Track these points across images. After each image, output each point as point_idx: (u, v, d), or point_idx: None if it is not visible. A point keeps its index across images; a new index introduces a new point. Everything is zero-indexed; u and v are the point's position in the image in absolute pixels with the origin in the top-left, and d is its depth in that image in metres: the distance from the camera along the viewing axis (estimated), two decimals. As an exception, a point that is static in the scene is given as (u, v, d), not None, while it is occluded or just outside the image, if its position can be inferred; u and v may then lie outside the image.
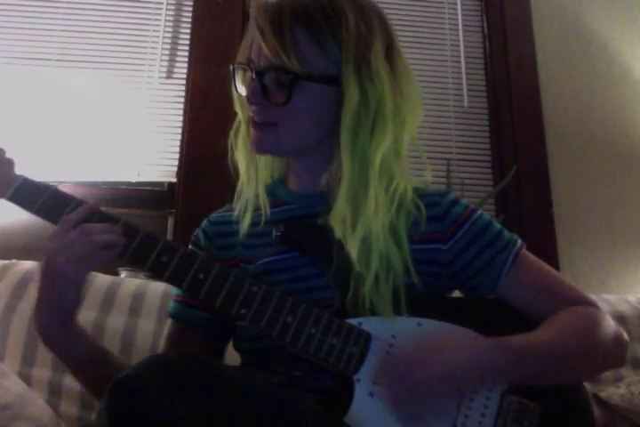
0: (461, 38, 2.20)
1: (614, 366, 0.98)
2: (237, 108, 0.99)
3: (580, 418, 0.91)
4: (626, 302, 1.65)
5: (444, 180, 1.84)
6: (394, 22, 0.97)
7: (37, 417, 1.11)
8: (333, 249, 0.88)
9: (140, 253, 0.83)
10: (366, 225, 0.87)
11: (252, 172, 0.99)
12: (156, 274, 0.84)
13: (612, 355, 0.94)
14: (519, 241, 0.98)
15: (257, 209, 0.98)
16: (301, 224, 0.93)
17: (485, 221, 0.98)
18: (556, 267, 1.92)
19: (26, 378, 1.26)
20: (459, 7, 2.24)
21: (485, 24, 2.24)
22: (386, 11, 0.96)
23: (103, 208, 0.86)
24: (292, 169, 1.02)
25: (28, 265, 1.44)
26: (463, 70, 2.17)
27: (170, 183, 1.90)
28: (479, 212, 0.99)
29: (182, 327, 1.01)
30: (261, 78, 0.88)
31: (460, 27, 2.22)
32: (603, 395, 1.41)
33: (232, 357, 1.03)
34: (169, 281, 0.83)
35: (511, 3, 2.22)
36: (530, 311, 0.94)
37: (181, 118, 1.95)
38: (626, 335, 0.95)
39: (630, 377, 1.44)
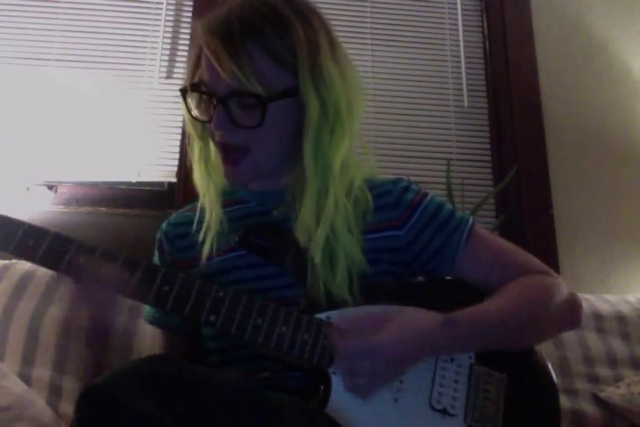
0: (461, 38, 2.20)
1: (569, 328, 1.02)
2: (190, 129, 0.97)
3: (542, 382, 0.95)
4: (626, 302, 1.65)
5: (444, 180, 1.84)
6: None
7: (38, 418, 1.11)
8: (291, 249, 0.90)
9: None
10: (327, 225, 0.88)
11: (212, 190, 0.98)
12: (120, 291, 0.83)
13: (564, 319, 0.97)
14: (471, 219, 1.01)
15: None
16: (260, 226, 0.94)
17: (437, 204, 1.01)
18: (557, 267, 1.91)
19: (26, 378, 1.26)
20: (459, 7, 2.23)
21: (485, 24, 2.24)
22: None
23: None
24: None
25: (28, 265, 1.44)
26: (463, 70, 2.17)
27: (170, 183, 1.90)
28: (430, 196, 1.02)
29: (169, 335, 1.02)
30: (224, 104, 0.87)
31: (460, 26, 2.21)
32: (603, 395, 1.41)
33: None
34: (133, 297, 0.83)
35: (511, 3, 2.22)
36: (487, 286, 0.97)
37: (181, 118, 1.94)
38: (579, 298, 0.98)
39: (630, 377, 1.44)
